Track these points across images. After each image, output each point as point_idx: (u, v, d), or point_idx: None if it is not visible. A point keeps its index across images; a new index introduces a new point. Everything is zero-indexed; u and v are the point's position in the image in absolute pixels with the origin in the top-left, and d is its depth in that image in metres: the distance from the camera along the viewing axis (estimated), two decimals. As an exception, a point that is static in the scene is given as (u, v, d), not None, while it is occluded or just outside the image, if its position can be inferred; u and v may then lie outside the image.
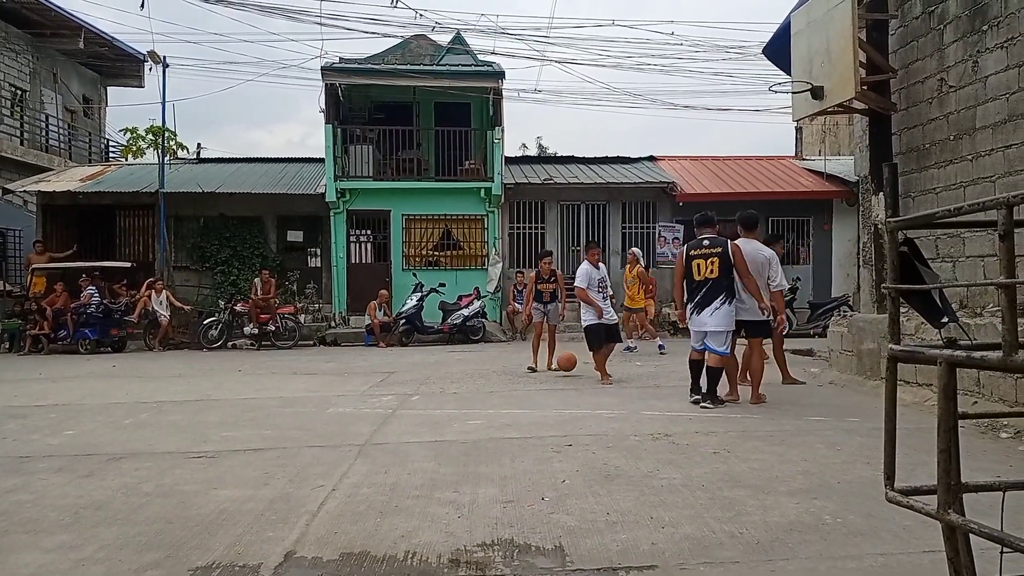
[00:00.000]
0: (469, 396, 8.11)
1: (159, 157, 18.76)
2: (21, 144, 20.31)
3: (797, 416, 6.53)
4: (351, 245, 18.09)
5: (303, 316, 16.57)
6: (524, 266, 17.73)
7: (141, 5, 16.52)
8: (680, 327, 7.41)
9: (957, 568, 1.90)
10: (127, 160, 24.03)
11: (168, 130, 19.42)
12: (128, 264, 17.11)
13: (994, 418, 4.81)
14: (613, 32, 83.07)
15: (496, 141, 17.68)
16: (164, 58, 17.75)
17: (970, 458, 4.23)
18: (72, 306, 14.97)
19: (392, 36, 19.79)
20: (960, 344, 1.96)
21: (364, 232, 18.29)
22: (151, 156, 23.17)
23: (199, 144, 24.15)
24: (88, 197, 17.71)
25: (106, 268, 16.51)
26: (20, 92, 20.71)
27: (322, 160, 18.09)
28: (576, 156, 20.85)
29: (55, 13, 20.07)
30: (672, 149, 33.82)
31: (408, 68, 17.83)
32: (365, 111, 19.22)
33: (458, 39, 19.50)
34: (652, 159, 20.75)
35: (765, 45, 10.86)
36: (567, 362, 9.79)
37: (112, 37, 22.11)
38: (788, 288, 7.90)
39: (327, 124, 17.52)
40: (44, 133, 21.73)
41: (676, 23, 64.91)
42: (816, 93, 8.35)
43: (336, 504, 4.10)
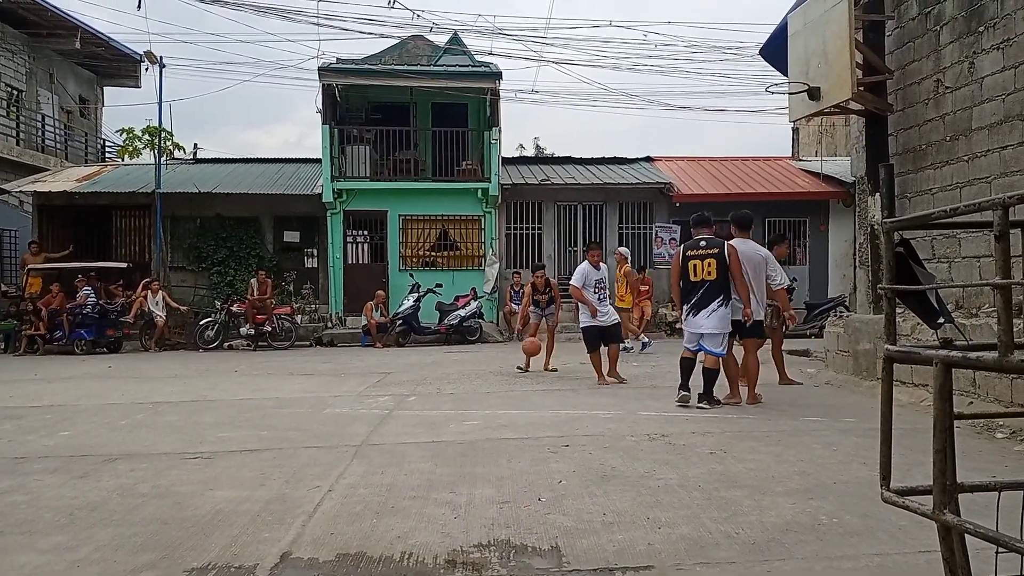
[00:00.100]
0: (466, 397, 8.11)
1: (155, 157, 18.72)
2: (17, 144, 20.25)
3: (794, 416, 6.54)
4: (348, 246, 18.07)
5: (299, 317, 16.54)
6: (521, 267, 17.74)
7: (138, 5, 16.53)
8: (677, 327, 7.41)
9: (952, 568, 1.90)
10: (123, 160, 23.94)
11: (164, 130, 19.35)
12: (124, 264, 17.08)
13: (990, 418, 4.83)
14: (610, 32, 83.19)
15: (493, 142, 17.67)
16: (161, 58, 17.71)
17: (966, 458, 4.24)
18: (68, 307, 14.94)
19: (389, 36, 19.87)
20: (956, 345, 1.96)
21: (361, 232, 18.28)
22: (147, 156, 23.08)
23: (196, 144, 24.17)
24: (84, 197, 17.68)
25: (102, 268, 16.49)
26: (16, 92, 20.66)
27: (319, 160, 18.08)
28: (573, 157, 20.86)
29: (51, 13, 20.01)
30: (669, 150, 33.82)
31: (405, 68, 17.83)
32: (362, 112, 19.20)
33: (455, 40, 19.50)
34: (649, 160, 20.77)
35: (762, 46, 10.89)
36: (532, 347, 10.01)
37: (108, 37, 22.05)
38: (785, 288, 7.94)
39: (324, 124, 17.50)
40: (40, 133, 21.68)
41: (673, 24, 65.03)
42: (813, 94, 8.37)
43: (332, 505, 4.10)
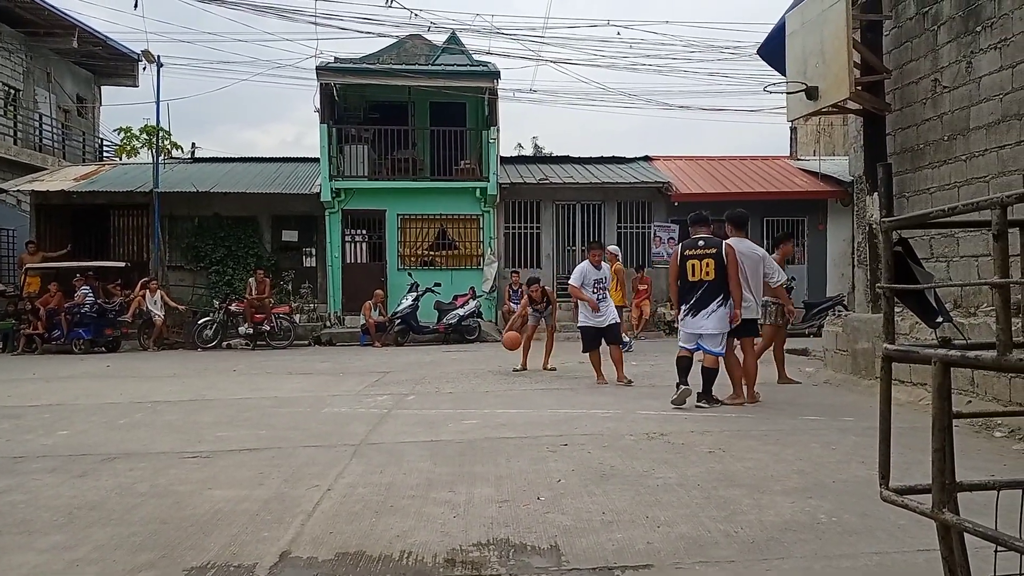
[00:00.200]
0: (464, 396, 8.11)
1: (153, 157, 18.69)
2: (14, 143, 20.21)
3: (792, 415, 6.55)
4: (346, 245, 18.07)
5: (298, 316, 16.54)
6: (520, 266, 17.74)
7: (135, 4, 16.47)
8: (675, 326, 7.42)
9: (952, 567, 1.90)
10: (121, 160, 23.93)
11: (162, 129, 19.32)
12: (122, 264, 17.08)
13: (988, 417, 4.84)
14: (608, 32, 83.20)
15: (491, 141, 17.67)
16: (158, 57, 17.69)
17: (964, 457, 4.24)
18: (66, 306, 14.92)
19: (387, 36, 19.75)
20: (954, 344, 1.96)
21: (359, 232, 18.28)
22: (145, 156, 23.07)
23: (193, 144, 24.14)
24: (82, 197, 17.66)
25: (100, 268, 16.48)
26: (13, 91, 20.62)
27: (317, 160, 18.07)
28: (571, 156, 20.84)
29: (49, 12, 19.97)
30: (667, 149, 33.90)
31: (403, 68, 17.81)
32: (360, 111, 19.20)
33: (453, 39, 19.48)
34: (647, 159, 20.77)
35: (760, 45, 10.88)
36: (511, 341, 10.15)
37: (106, 36, 22.00)
38: (783, 286, 8.02)
39: (322, 124, 17.50)
40: (38, 132, 21.63)
41: (671, 23, 65.02)
42: (811, 93, 8.37)
43: (331, 504, 4.10)
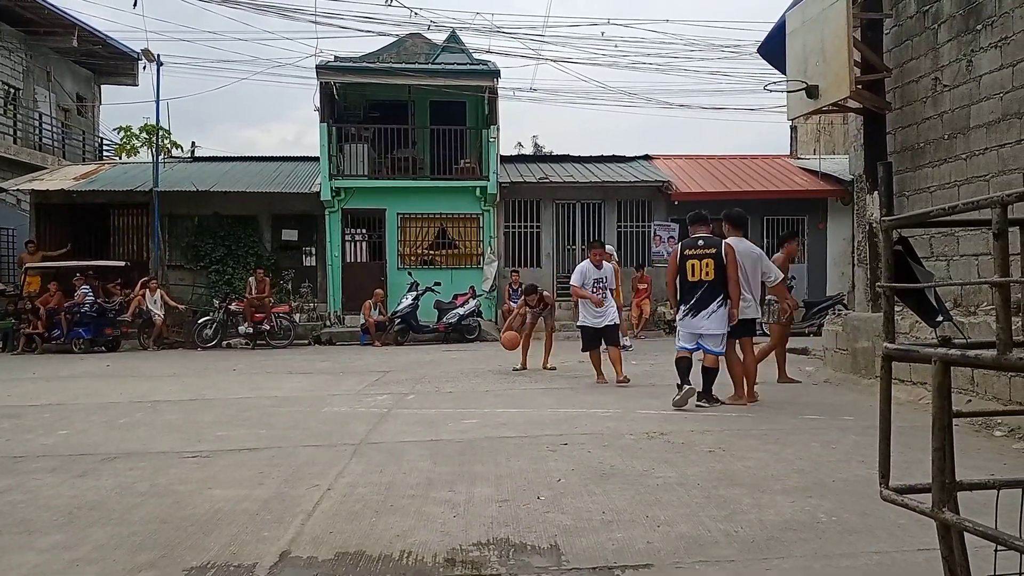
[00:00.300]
0: (464, 395, 8.11)
1: (153, 156, 18.69)
2: (14, 143, 20.20)
3: (792, 415, 6.55)
4: (346, 244, 18.07)
5: (298, 315, 16.53)
6: (520, 265, 17.74)
7: (134, 3, 16.45)
8: (675, 326, 7.41)
9: (951, 566, 1.90)
10: (121, 159, 23.88)
11: (162, 129, 19.32)
12: (122, 263, 17.07)
13: (988, 416, 4.84)
14: (608, 31, 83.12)
15: (491, 140, 17.65)
16: (158, 56, 17.68)
17: (964, 456, 4.25)
18: (66, 305, 14.92)
19: (387, 35, 19.75)
20: (954, 343, 1.96)
21: (359, 231, 18.28)
22: (145, 155, 23.02)
23: (193, 143, 24.06)
24: (82, 196, 17.65)
25: (100, 267, 16.48)
26: (13, 90, 20.61)
27: (317, 159, 18.06)
28: (571, 155, 20.83)
29: (48, 11, 19.96)
30: (668, 148, 33.82)
31: (403, 67, 17.81)
32: (360, 110, 19.19)
33: (453, 38, 19.48)
34: (647, 158, 20.76)
35: (760, 44, 10.89)
36: (509, 341, 10.14)
37: (106, 35, 22.00)
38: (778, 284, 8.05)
39: (322, 123, 17.49)
40: (37, 131, 21.62)
41: (671, 22, 64.97)
42: (811, 92, 8.37)
43: (331, 503, 4.10)
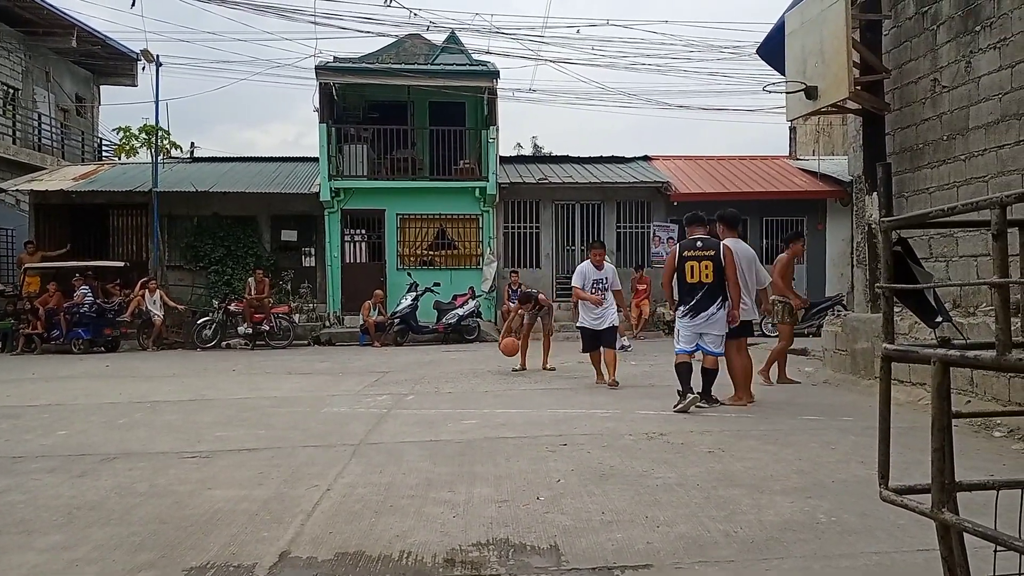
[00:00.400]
0: (464, 395, 8.11)
1: (152, 156, 18.69)
2: (13, 143, 20.19)
3: (792, 415, 6.55)
4: (345, 244, 18.07)
5: (297, 316, 16.53)
6: (519, 266, 17.75)
7: (132, 3, 16.45)
8: (674, 326, 7.42)
9: (951, 567, 1.90)
10: (120, 159, 23.88)
11: (162, 129, 19.34)
12: (121, 264, 17.06)
13: (987, 417, 4.83)
14: (608, 32, 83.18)
15: (491, 140, 17.66)
16: (157, 57, 17.67)
17: (964, 457, 4.25)
18: (65, 306, 14.92)
19: (386, 35, 19.75)
20: (954, 343, 1.96)
21: (358, 231, 18.27)
22: (144, 155, 23.03)
23: (193, 143, 24.03)
24: (81, 196, 17.65)
25: (99, 268, 16.47)
26: (12, 90, 20.60)
27: (316, 159, 18.07)
28: (570, 156, 20.85)
29: (47, 11, 19.95)
30: (667, 149, 33.88)
31: (402, 67, 17.81)
32: (359, 110, 19.19)
33: (452, 38, 19.48)
34: (646, 159, 20.77)
35: (759, 45, 10.89)
36: (508, 348, 10.06)
37: (105, 36, 21.98)
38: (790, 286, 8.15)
39: (321, 123, 17.49)
40: (36, 132, 21.61)
41: (671, 23, 65.01)
42: (810, 93, 8.37)
43: (331, 504, 4.10)
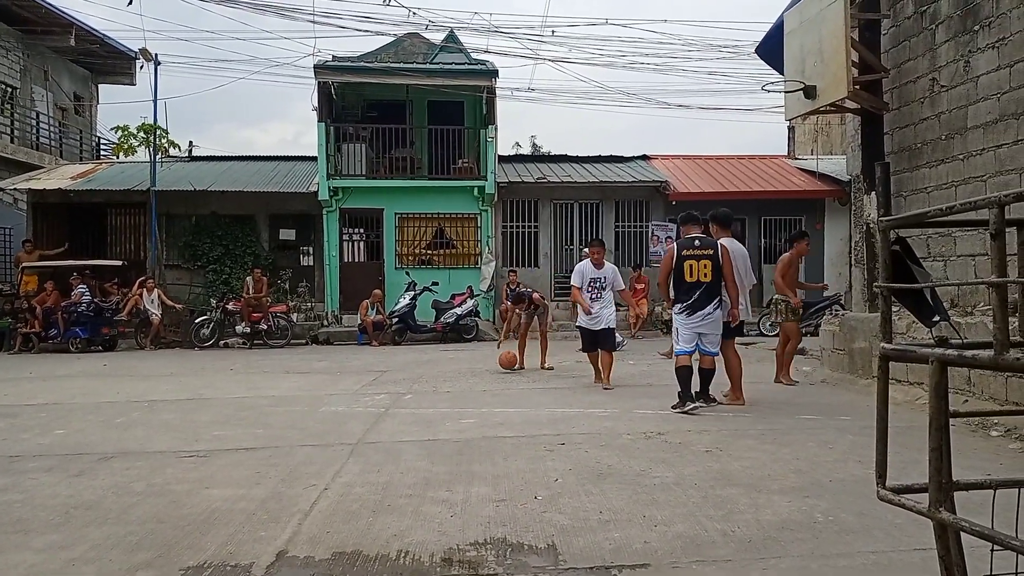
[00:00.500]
0: (462, 395, 8.11)
1: (151, 155, 18.67)
2: (11, 142, 20.16)
3: (789, 415, 6.55)
4: (344, 243, 18.04)
5: (295, 315, 16.52)
6: (518, 265, 17.74)
7: (129, 2, 16.43)
8: (671, 325, 7.40)
9: (948, 566, 1.90)
10: (118, 158, 23.83)
11: (160, 128, 19.32)
12: (119, 262, 17.04)
13: (985, 416, 4.82)
14: (607, 31, 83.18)
15: (489, 140, 17.66)
16: (156, 55, 17.64)
17: (961, 456, 4.25)
18: (63, 305, 14.90)
19: (385, 34, 19.74)
20: (951, 343, 1.96)
21: (357, 230, 18.25)
22: (143, 154, 22.98)
23: (191, 142, 23.93)
24: (79, 195, 17.62)
25: (97, 267, 16.45)
26: (10, 89, 20.56)
27: (315, 158, 18.06)
28: (569, 155, 20.85)
29: (46, 10, 19.92)
30: (666, 148, 33.83)
31: (401, 66, 17.80)
32: (358, 109, 19.18)
33: (451, 37, 19.47)
34: (645, 158, 20.78)
35: (758, 44, 10.89)
36: (506, 361, 9.92)
37: (103, 34, 21.95)
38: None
39: (320, 122, 17.48)
40: (35, 131, 21.57)
41: (670, 22, 65.02)
42: (809, 92, 8.38)
43: (328, 503, 4.09)
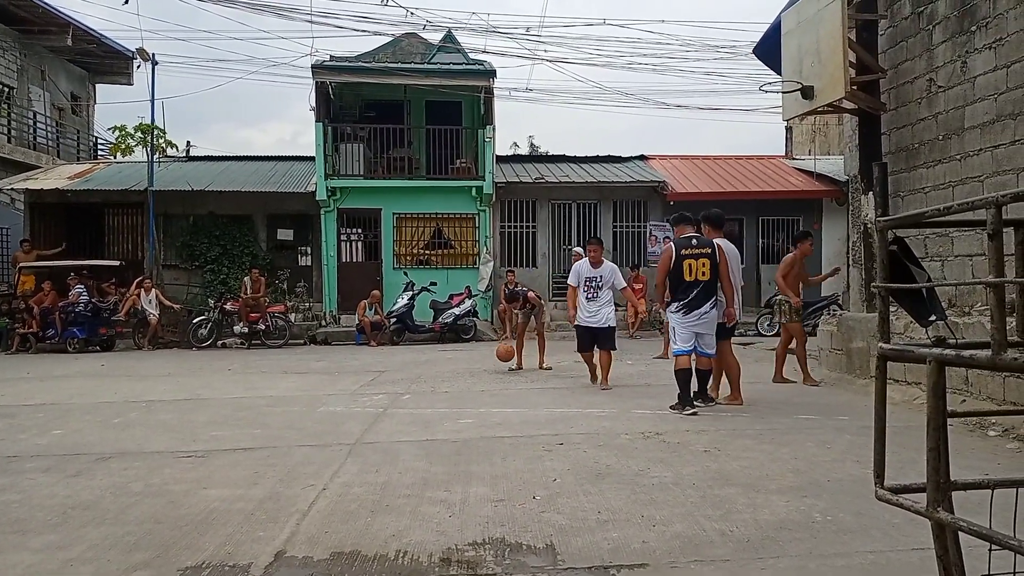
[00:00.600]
0: (460, 395, 8.11)
1: (148, 155, 18.64)
2: (8, 141, 20.11)
3: (787, 415, 6.56)
4: (342, 244, 18.03)
5: (293, 315, 16.50)
6: (516, 265, 17.73)
7: (125, 1, 16.41)
8: (666, 322, 7.40)
9: (946, 565, 1.90)
10: (116, 158, 23.80)
11: (157, 128, 19.28)
12: (117, 262, 17.01)
13: (982, 416, 4.84)
14: (604, 31, 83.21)
15: (487, 140, 17.65)
16: (153, 55, 17.62)
17: (959, 456, 4.25)
18: (60, 305, 14.86)
19: (383, 34, 19.75)
20: (949, 343, 1.96)
21: (355, 231, 18.24)
22: (140, 154, 22.98)
23: (188, 142, 24.05)
24: (76, 195, 17.59)
25: (95, 267, 16.42)
26: (7, 89, 20.52)
27: (313, 158, 18.03)
28: (567, 155, 20.85)
29: (43, 10, 19.88)
30: (664, 148, 33.90)
31: (399, 66, 17.79)
32: (356, 109, 19.17)
33: (449, 37, 19.47)
34: (643, 158, 20.78)
35: (756, 45, 10.90)
36: (504, 354, 9.97)
37: (100, 34, 21.92)
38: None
39: (318, 122, 17.46)
40: (32, 131, 21.53)
41: (668, 22, 65.04)
42: (806, 93, 8.38)
43: (327, 503, 4.09)
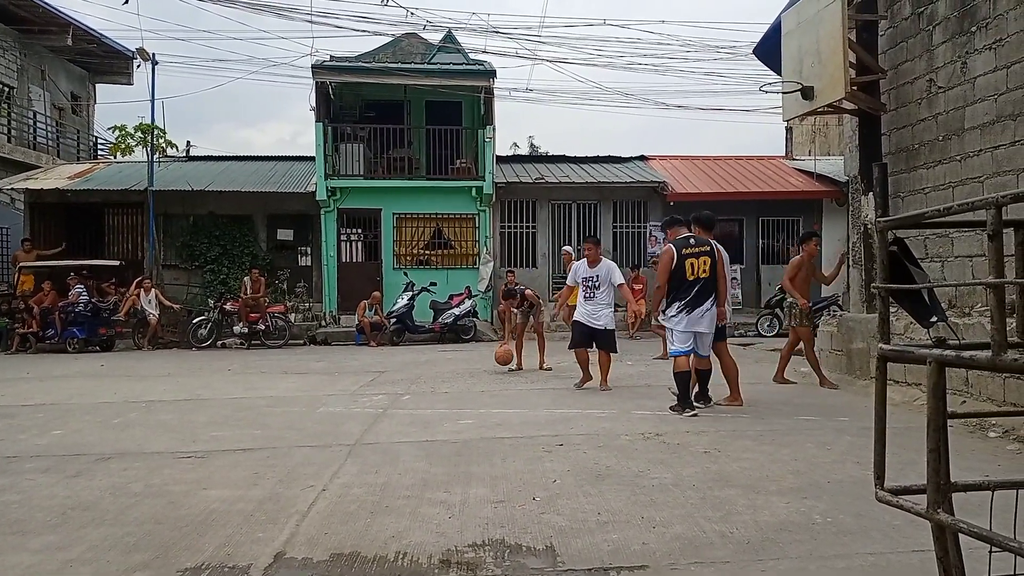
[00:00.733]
0: (460, 395, 8.10)
1: (148, 155, 18.64)
2: (8, 141, 20.11)
3: (788, 416, 6.56)
4: (342, 244, 18.03)
5: (293, 315, 16.50)
6: (516, 265, 17.73)
7: (125, 1, 16.41)
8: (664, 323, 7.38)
9: (946, 567, 1.90)
10: (116, 158, 23.80)
11: (157, 128, 19.28)
12: (117, 262, 17.01)
13: (983, 417, 4.84)
14: (605, 31, 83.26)
15: (487, 140, 17.65)
16: (153, 55, 17.62)
17: (959, 457, 4.25)
18: (60, 305, 14.86)
19: (383, 34, 19.77)
20: (949, 344, 1.96)
21: (355, 231, 18.25)
22: (140, 154, 22.98)
23: (188, 142, 24.06)
24: (76, 195, 17.59)
25: (95, 266, 16.42)
26: (7, 89, 20.52)
27: (313, 158, 18.04)
28: (567, 155, 20.85)
29: (43, 9, 19.89)
30: (664, 149, 33.89)
31: (399, 67, 17.80)
32: (356, 109, 19.17)
33: (449, 38, 19.47)
34: (643, 159, 20.78)
35: (756, 45, 10.90)
36: (503, 356, 9.97)
37: (101, 34, 21.92)
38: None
39: (317, 122, 17.46)
40: (32, 130, 21.53)
41: (667, 23, 65.04)
42: (806, 93, 8.38)
43: (326, 504, 4.09)
